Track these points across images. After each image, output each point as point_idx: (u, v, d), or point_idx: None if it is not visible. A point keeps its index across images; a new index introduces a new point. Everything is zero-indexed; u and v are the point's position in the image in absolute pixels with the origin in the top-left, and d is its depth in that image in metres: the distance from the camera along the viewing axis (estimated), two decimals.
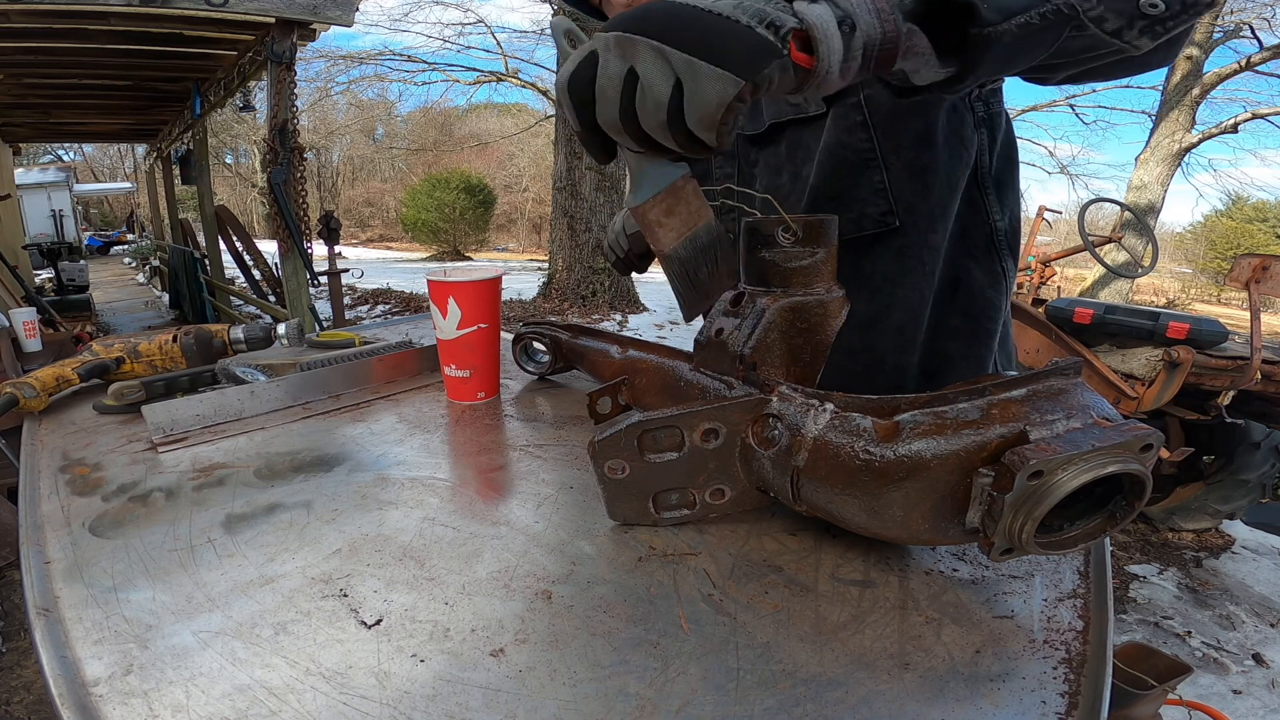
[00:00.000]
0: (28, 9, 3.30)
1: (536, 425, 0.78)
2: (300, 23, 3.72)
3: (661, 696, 0.37)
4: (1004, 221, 0.78)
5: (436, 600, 0.46)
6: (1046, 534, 0.41)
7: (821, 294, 0.57)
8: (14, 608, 2.04)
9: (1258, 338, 2.43)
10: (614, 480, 0.52)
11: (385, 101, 22.53)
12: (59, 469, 0.68)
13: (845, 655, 0.40)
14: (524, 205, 22.82)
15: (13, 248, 6.15)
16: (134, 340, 0.94)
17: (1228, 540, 2.75)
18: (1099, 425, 0.39)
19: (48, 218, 11.07)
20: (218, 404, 0.79)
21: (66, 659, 0.40)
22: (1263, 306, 2.49)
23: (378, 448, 0.71)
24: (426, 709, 0.37)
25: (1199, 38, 8.81)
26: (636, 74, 0.41)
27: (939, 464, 0.40)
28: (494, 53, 17.63)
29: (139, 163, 15.00)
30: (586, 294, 7.80)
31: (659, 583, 0.47)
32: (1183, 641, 2.10)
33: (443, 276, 0.79)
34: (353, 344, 1.09)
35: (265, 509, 0.58)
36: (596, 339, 0.82)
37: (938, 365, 0.80)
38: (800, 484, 0.47)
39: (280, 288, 4.80)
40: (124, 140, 11.28)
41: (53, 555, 0.52)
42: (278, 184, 3.83)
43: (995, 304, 0.80)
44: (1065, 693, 0.38)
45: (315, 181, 21.06)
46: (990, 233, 0.78)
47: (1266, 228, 18.95)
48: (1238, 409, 2.75)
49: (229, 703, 0.37)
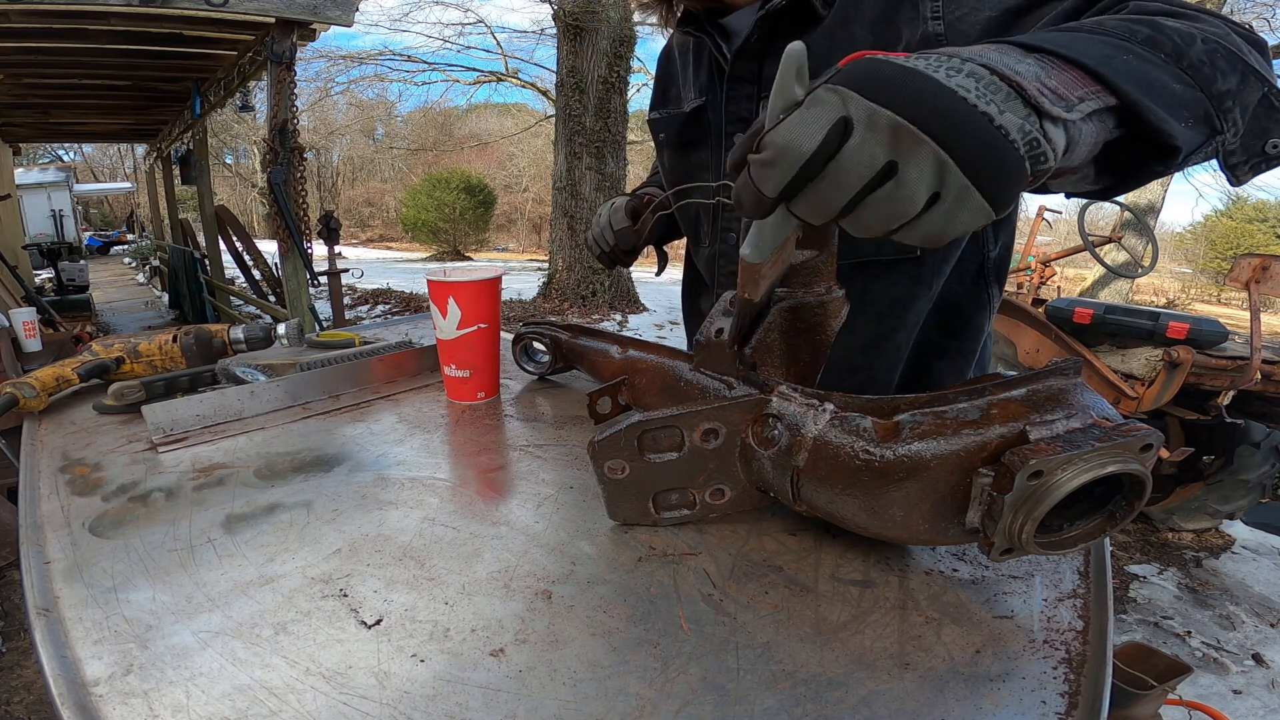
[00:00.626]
0: (28, 9, 3.30)
1: (536, 425, 0.78)
2: (300, 23, 3.72)
3: (661, 696, 0.37)
4: (995, 251, 0.80)
5: (436, 600, 0.46)
6: (1046, 534, 0.41)
7: (821, 294, 0.57)
8: (14, 608, 2.04)
9: (1258, 338, 2.43)
10: (614, 480, 0.52)
11: (385, 101, 22.57)
12: (59, 469, 0.68)
13: (845, 655, 0.40)
14: (524, 205, 22.83)
15: (13, 248, 6.15)
16: (134, 340, 0.94)
17: (1228, 540, 2.75)
18: (1099, 425, 0.39)
19: (48, 218, 11.06)
20: (218, 404, 0.79)
21: (66, 659, 0.40)
22: (1263, 306, 2.49)
23: (378, 448, 0.71)
24: (426, 709, 0.37)
25: None
26: (894, 169, 0.35)
27: (939, 464, 0.40)
28: (494, 53, 17.67)
29: (139, 163, 14.99)
30: (586, 294, 7.80)
31: (659, 583, 0.47)
32: (1183, 641, 2.10)
33: (443, 276, 0.79)
34: (353, 344, 1.09)
35: (265, 509, 0.58)
36: (596, 339, 0.82)
37: (919, 377, 0.82)
38: (800, 484, 0.47)
39: (280, 288, 4.80)
40: (124, 140, 11.27)
41: (53, 555, 0.52)
42: (278, 184, 3.83)
43: (980, 327, 0.82)
44: (1065, 693, 0.38)
45: (315, 181, 21.08)
46: (982, 261, 0.80)
47: (1266, 228, 18.96)
48: (1238, 409, 2.75)
49: (229, 703, 0.37)
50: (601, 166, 7.63)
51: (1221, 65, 0.47)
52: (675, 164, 0.93)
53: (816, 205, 0.38)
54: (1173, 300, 15.22)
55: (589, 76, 7.48)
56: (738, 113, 0.82)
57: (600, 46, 7.41)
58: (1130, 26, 0.46)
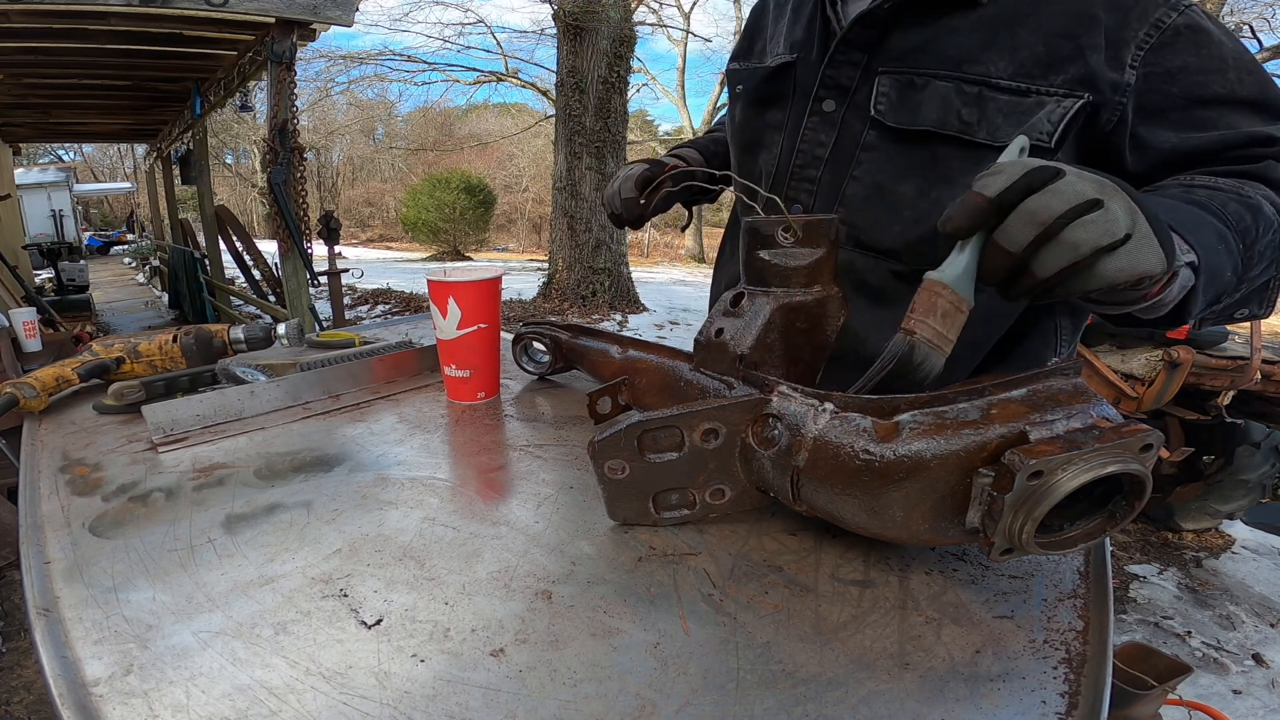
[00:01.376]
0: (28, 9, 3.30)
1: (536, 425, 0.78)
2: (300, 23, 3.71)
3: (661, 696, 0.37)
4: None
5: (436, 600, 0.46)
6: (1046, 534, 0.41)
7: (821, 294, 0.57)
8: (14, 608, 2.04)
9: (1258, 338, 2.43)
10: (614, 480, 0.52)
11: (385, 101, 22.56)
12: (59, 469, 0.68)
13: (845, 655, 0.40)
14: (524, 205, 22.82)
15: (13, 248, 6.15)
16: (134, 340, 0.94)
17: (1228, 540, 2.75)
18: (1099, 425, 0.39)
19: (48, 218, 11.06)
20: (218, 404, 0.79)
21: (66, 659, 0.40)
22: None
23: (378, 448, 0.71)
24: (426, 709, 0.37)
25: None
26: (1099, 205, 0.42)
27: (939, 464, 0.40)
28: (494, 53, 17.68)
29: (139, 163, 14.99)
30: (586, 294, 7.80)
31: (659, 583, 0.47)
32: (1183, 641, 2.10)
33: (443, 276, 0.79)
34: (353, 344, 1.09)
35: (265, 509, 0.58)
36: (596, 339, 0.82)
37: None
38: (800, 484, 0.47)
39: (280, 288, 4.80)
40: (124, 140, 11.27)
41: (53, 555, 0.52)
42: (278, 184, 3.82)
43: (1042, 359, 0.79)
44: (1065, 693, 0.38)
45: (315, 181, 21.07)
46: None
47: None
48: (1238, 409, 2.75)
49: (229, 703, 0.37)
50: (601, 166, 7.62)
51: (1269, 255, 0.57)
52: (747, 120, 0.88)
53: (1030, 217, 0.43)
54: None
55: (589, 76, 7.48)
56: (837, 79, 0.76)
57: (600, 46, 7.41)
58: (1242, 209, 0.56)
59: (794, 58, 0.81)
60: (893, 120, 0.72)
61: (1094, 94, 0.64)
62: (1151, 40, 0.63)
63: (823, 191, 0.79)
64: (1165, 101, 0.64)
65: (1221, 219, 0.54)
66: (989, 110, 0.67)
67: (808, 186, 0.80)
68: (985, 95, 0.67)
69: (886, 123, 0.72)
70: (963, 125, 0.68)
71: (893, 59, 0.72)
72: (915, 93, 0.70)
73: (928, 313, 0.46)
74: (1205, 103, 0.63)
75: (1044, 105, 0.65)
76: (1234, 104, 0.63)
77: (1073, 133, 0.65)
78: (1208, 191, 0.58)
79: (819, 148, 0.78)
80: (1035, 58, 0.66)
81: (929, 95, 0.69)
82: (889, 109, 0.72)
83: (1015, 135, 0.60)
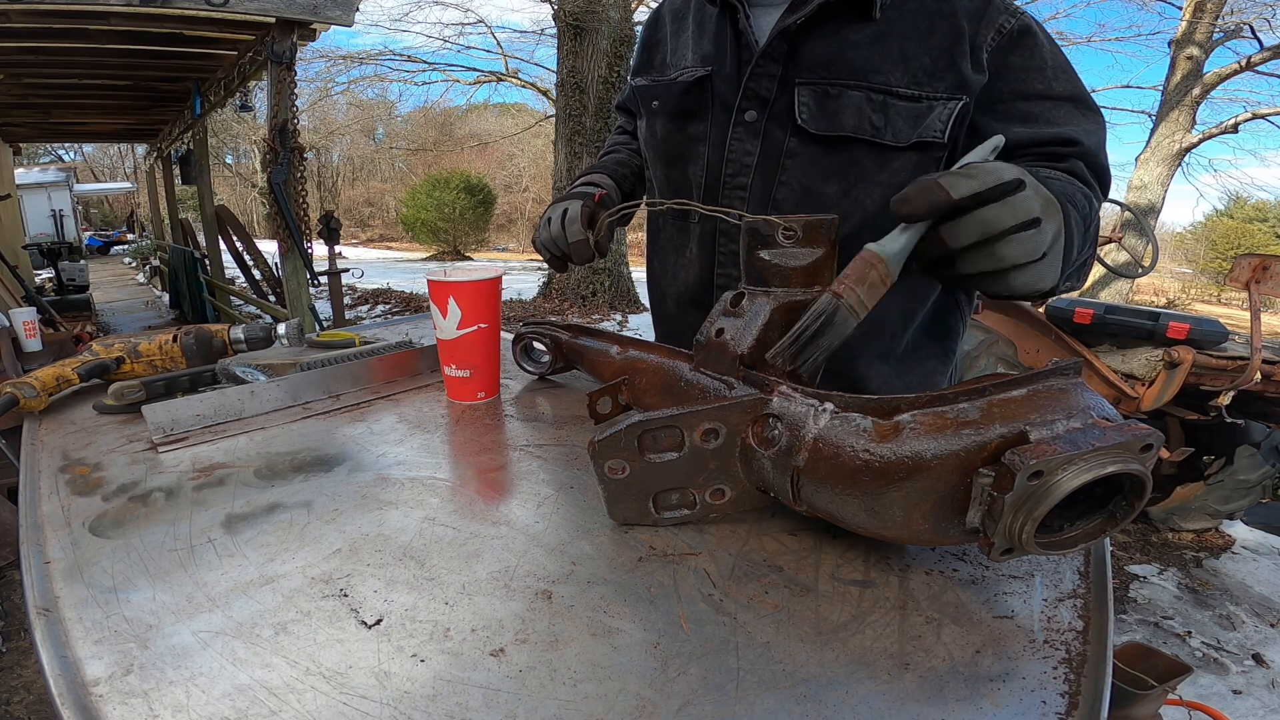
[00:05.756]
0: (28, 9, 3.30)
1: (536, 425, 0.78)
2: (300, 23, 3.71)
3: (661, 696, 0.37)
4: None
5: (436, 600, 0.46)
6: (1046, 534, 0.41)
7: (819, 293, 0.57)
8: (14, 608, 2.04)
9: (1258, 338, 2.43)
10: (614, 480, 0.52)
11: (385, 101, 22.54)
12: (59, 469, 0.68)
13: (845, 655, 0.40)
14: (524, 205, 22.81)
15: (13, 248, 6.14)
16: (134, 340, 0.94)
17: (1228, 540, 2.75)
18: (1099, 425, 0.39)
19: (48, 218, 11.06)
20: (218, 404, 0.79)
21: (66, 659, 0.40)
22: (1263, 306, 2.49)
23: (378, 448, 0.71)
24: (426, 709, 0.37)
25: (1199, 37, 8.80)
26: (1036, 224, 0.48)
27: (939, 464, 0.40)
28: (494, 53, 17.66)
29: (139, 163, 14.98)
30: (586, 294, 7.80)
31: (659, 583, 0.47)
32: (1183, 641, 2.10)
33: (443, 276, 0.79)
34: (353, 344, 1.09)
35: (265, 509, 0.58)
36: (596, 339, 0.82)
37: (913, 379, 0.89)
38: (800, 484, 0.47)
39: (280, 288, 4.79)
40: (124, 140, 11.27)
41: (53, 555, 0.52)
42: (278, 184, 3.82)
43: (957, 331, 0.90)
44: (1065, 693, 0.38)
45: (315, 181, 21.06)
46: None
47: (1266, 228, 18.94)
48: (1238, 409, 2.75)
49: (229, 703, 0.37)
50: None
51: (1093, 236, 0.66)
52: (669, 134, 0.90)
53: (981, 225, 0.47)
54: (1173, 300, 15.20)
55: (589, 76, 7.48)
56: (757, 90, 0.80)
57: (600, 46, 7.41)
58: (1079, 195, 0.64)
59: (708, 71, 0.85)
60: (814, 128, 0.78)
61: (968, 95, 0.74)
62: (996, 43, 0.74)
63: (755, 197, 0.84)
64: (995, 95, 0.75)
65: (1074, 204, 0.60)
66: (892, 115, 0.75)
67: (740, 194, 0.84)
68: (889, 102, 0.75)
69: (809, 130, 0.79)
70: (874, 129, 0.76)
71: (806, 70, 0.78)
72: (831, 101, 0.77)
73: (859, 281, 0.50)
74: (1027, 97, 0.74)
75: (934, 109, 0.75)
76: (1053, 99, 0.74)
77: (961, 128, 0.76)
78: (1060, 184, 0.64)
79: (746, 156, 0.83)
80: (923, 68, 0.75)
81: (844, 104, 0.77)
82: (810, 117, 0.78)
83: (914, 136, 0.75)
